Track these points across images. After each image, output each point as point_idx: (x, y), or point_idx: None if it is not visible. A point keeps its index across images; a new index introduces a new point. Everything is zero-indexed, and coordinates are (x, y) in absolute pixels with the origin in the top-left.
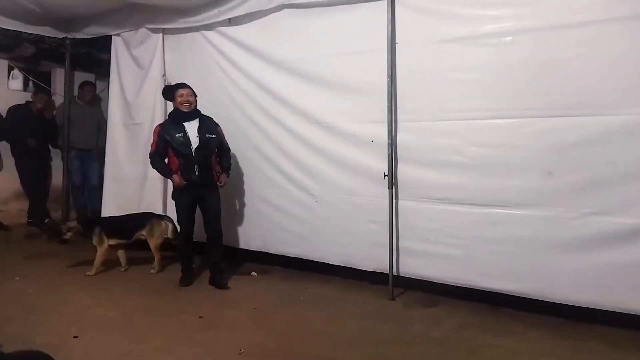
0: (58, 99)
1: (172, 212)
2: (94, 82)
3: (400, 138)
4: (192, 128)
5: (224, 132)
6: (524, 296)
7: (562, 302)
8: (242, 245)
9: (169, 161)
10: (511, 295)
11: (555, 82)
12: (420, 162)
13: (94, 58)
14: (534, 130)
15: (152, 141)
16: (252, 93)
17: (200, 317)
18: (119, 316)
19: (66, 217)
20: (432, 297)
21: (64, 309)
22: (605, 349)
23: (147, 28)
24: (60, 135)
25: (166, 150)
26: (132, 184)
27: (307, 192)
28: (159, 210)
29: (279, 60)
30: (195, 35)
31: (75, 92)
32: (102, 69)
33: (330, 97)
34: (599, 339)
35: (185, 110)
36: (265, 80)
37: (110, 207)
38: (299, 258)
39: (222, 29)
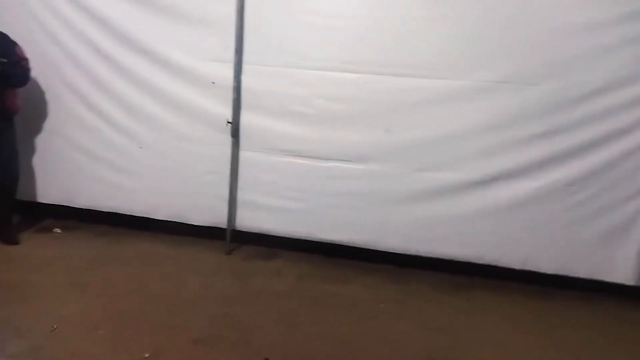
0: None
1: None
2: None
3: (245, 82)
4: None
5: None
6: (359, 246)
7: (392, 251)
8: (41, 198)
9: None
10: (347, 246)
11: (403, 42)
12: (266, 111)
13: None
14: (380, 87)
15: None
16: (64, 12)
17: None
18: None
19: None
20: (269, 251)
21: None
22: (430, 291)
23: None
24: None
25: None
26: None
27: (128, 135)
28: None
29: None
30: None
31: None
32: None
33: (164, 25)
34: (424, 283)
35: None
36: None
37: None
38: (116, 213)
39: None
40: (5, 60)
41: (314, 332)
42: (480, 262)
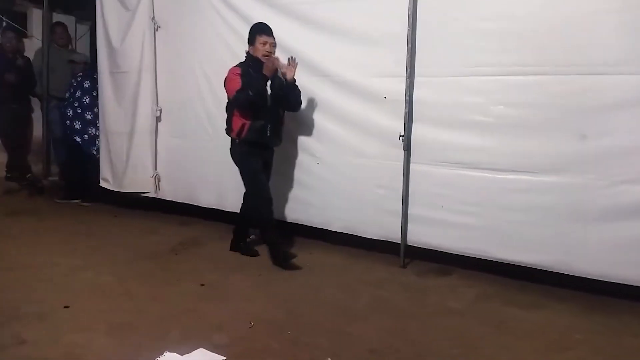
0: (35, 43)
1: (165, 169)
2: (66, 24)
3: (417, 95)
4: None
5: None
6: (547, 269)
7: (588, 276)
8: (231, 208)
9: (230, 120)
10: (532, 268)
11: (592, 36)
12: (439, 122)
13: None
14: (566, 89)
15: (231, 83)
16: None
17: (202, 284)
18: (113, 282)
19: (47, 172)
20: (444, 268)
21: (50, 272)
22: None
23: None
24: (39, 82)
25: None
26: (119, 139)
27: (308, 152)
28: (148, 168)
29: (281, 3)
30: None
31: None
32: (83, 11)
33: (337, 46)
34: (633, 315)
35: (264, 61)
36: None
37: (106, 162)
38: (296, 224)
39: None
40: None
41: (492, 357)
42: None
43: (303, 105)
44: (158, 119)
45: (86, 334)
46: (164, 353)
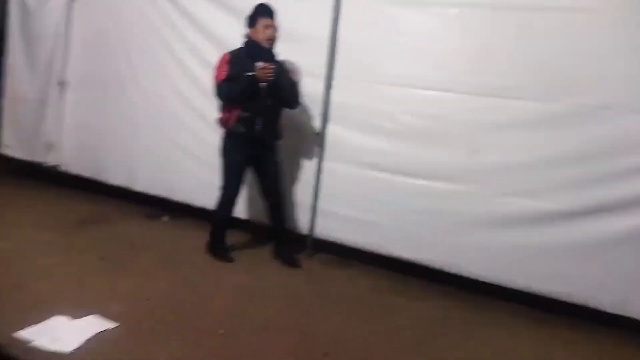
0: None
1: (73, 142)
2: None
3: (334, 95)
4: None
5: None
6: (434, 267)
7: (469, 276)
8: (142, 188)
9: (220, 109)
10: (422, 265)
11: (491, 63)
12: (352, 124)
13: None
14: (464, 107)
15: (217, 71)
16: (177, 22)
17: (102, 258)
18: (11, 249)
19: None
20: (345, 260)
21: None
22: (505, 319)
23: None
24: None
25: None
26: (31, 105)
27: None
28: (54, 137)
29: None
30: None
31: None
32: None
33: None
34: (500, 311)
35: (265, 45)
36: (193, 11)
37: (10, 128)
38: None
39: None
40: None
41: (374, 339)
42: (567, 299)
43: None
44: (61, 87)
45: None
46: (53, 317)
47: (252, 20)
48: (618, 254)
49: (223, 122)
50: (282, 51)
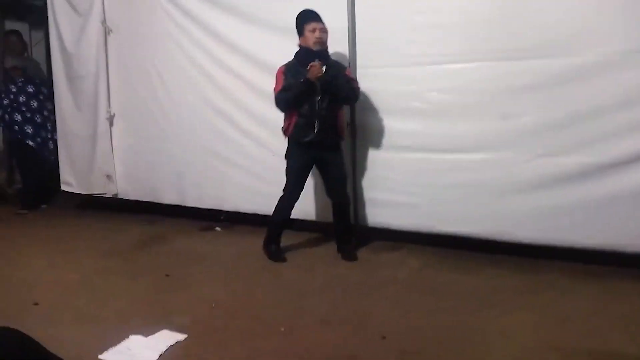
0: None
1: (125, 169)
2: (20, 31)
3: (361, 85)
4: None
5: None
6: (482, 238)
7: (517, 241)
8: (193, 203)
9: (285, 119)
10: (471, 238)
11: (508, 27)
12: (382, 110)
13: (27, 5)
14: (491, 74)
15: (276, 82)
16: (203, 41)
17: (167, 275)
18: (78, 279)
19: (11, 180)
20: (394, 245)
21: (18, 274)
22: (559, 279)
23: None
24: None
25: None
26: (83, 142)
27: (263, 146)
28: (108, 169)
29: (234, 4)
30: None
31: None
32: (36, 17)
33: (284, 43)
34: (557, 273)
35: (315, 49)
36: (219, 27)
37: (66, 166)
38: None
39: None
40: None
41: (429, 317)
42: (622, 250)
43: (257, 100)
44: (111, 121)
45: (54, 327)
46: (129, 336)
47: (299, 28)
48: None
49: (284, 130)
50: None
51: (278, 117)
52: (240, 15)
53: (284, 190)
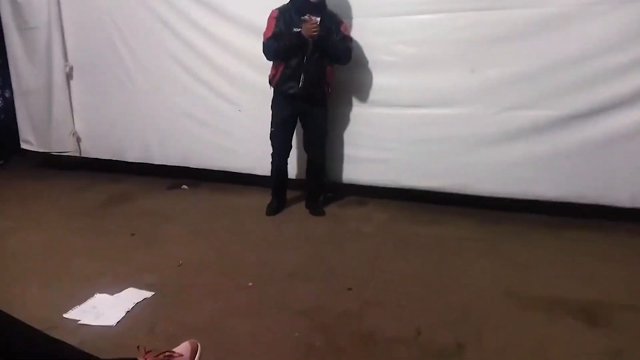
0: None
1: (86, 127)
2: None
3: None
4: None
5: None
6: (448, 192)
7: (483, 195)
8: (159, 161)
9: (272, 67)
10: (437, 192)
11: None
12: (351, 63)
13: None
14: (459, 24)
15: (266, 27)
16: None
17: (132, 234)
18: (44, 240)
19: None
20: (362, 200)
21: None
22: (521, 230)
23: None
24: None
25: None
26: (38, 97)
27: (228, 101)
28: (68, 126)
29: None
30: None
31: None
32: None
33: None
34: (516, 223)
35: (313, 0)
36: None
37: (25, 123)
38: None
39: None
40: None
41: (393, 267)
42: (582, 201)
43: (225, 55)
44: (69, 75)
45: (18, 288)
46: (95, 295)
47: None
48: (631, 147)
49: (270, 79)
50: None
51: (245, 72)
52: None
53: (271, 142)
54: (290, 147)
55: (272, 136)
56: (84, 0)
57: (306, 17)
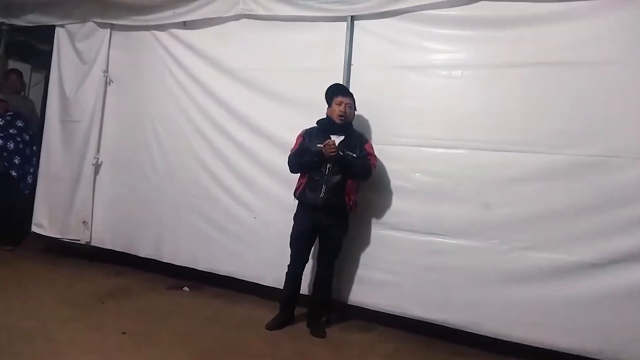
0: None
1: (104, 217)
2: (21, 71)
3: None
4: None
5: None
6: (457, 328)
7: (492, 336)
8: (168, 259)
9: (298, 179)
10: (444, 326)
11: (499, 119)
12: (364, 184)
13: (32, 48)
14: (477, 162)
15: (293, 145)
16: (200, 99)
17: (123, 332)
18: (34, 326)
19: None
20: (368, 325)
21: None
22: None
23: (95, 22)
24: None
25: None
26: (64, 185)
27: (245, 207)
28: (88, 215)
29: (232, 69)
30: (146, 34)
31: None
32: (39, 60)
33: (281, 111)
34: None
35: (338, 122)
36: (215, 88)
37: (42, 207)
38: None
39: (176, 31)
40: (354, 155)
41: None
42: (598, 357)
43: (246, 162)
44: (96, 168)
45: None
46: None
47: (328, 98)
48: None
49: (295, 191)
50: (294, 117)
51: (263, 179)
52: (238, 80)
53: (290, 254)
54: (307, 260)
55: (291, 246)
56: (125, 97)
57: (331, 139)
